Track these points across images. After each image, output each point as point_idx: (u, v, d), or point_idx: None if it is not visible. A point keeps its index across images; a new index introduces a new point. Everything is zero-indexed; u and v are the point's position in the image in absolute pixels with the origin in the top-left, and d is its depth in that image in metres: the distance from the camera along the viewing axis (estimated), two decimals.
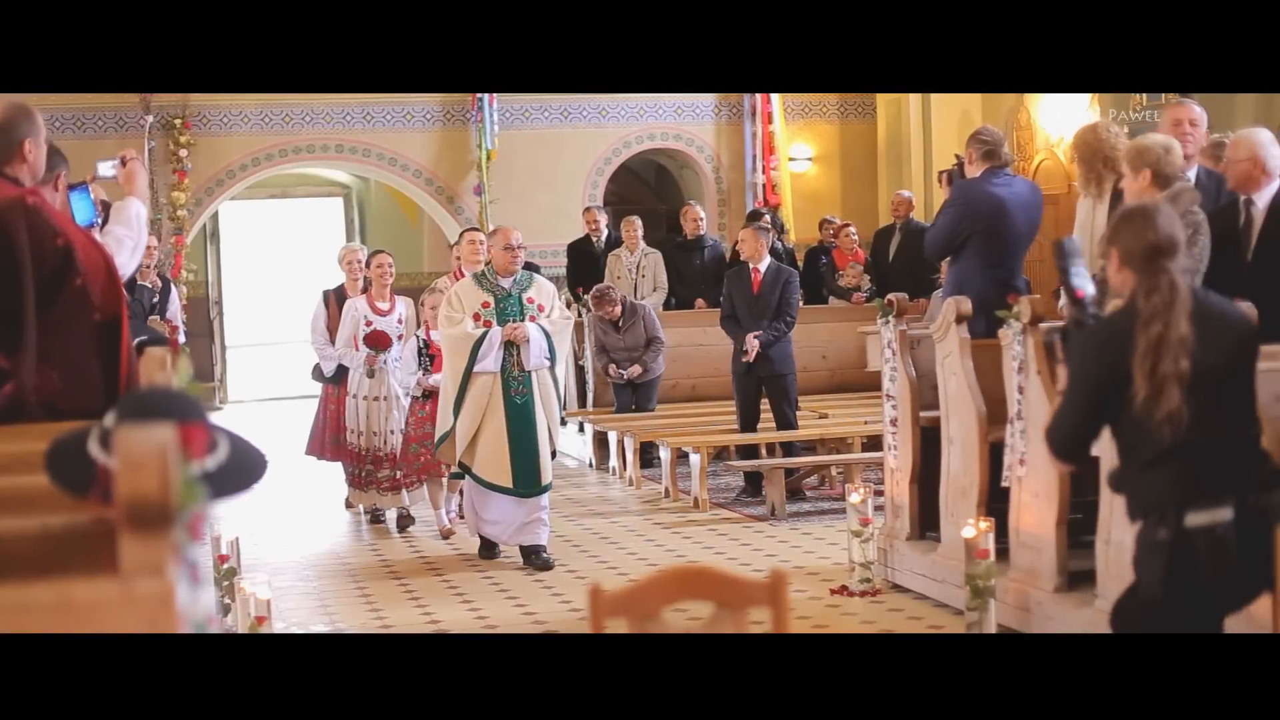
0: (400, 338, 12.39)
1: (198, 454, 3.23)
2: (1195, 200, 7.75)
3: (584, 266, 17.28)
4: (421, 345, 11.96)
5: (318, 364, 13.02)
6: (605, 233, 17.56)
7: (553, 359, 10.70)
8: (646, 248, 16.99)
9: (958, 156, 10.34)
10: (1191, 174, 8.37)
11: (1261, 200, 8.01)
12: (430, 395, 11.67)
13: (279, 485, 13.95)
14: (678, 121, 21.39)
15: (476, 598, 9.65)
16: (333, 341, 12.72)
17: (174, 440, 2.78)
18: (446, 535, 11.81)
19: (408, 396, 12.20)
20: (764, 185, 21.18)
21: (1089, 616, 7.52)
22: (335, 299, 12.96)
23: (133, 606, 2.74)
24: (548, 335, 10.63)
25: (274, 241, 24.13)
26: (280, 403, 22.91)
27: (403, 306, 12.60)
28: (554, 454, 10.93)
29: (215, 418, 3.66)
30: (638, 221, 17.09)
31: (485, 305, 10.59)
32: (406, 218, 22.69)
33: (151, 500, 2.73)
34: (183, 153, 19.74)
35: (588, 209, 18.12)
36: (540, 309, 10.73)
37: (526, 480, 10.51)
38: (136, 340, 5.23)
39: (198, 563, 2.88)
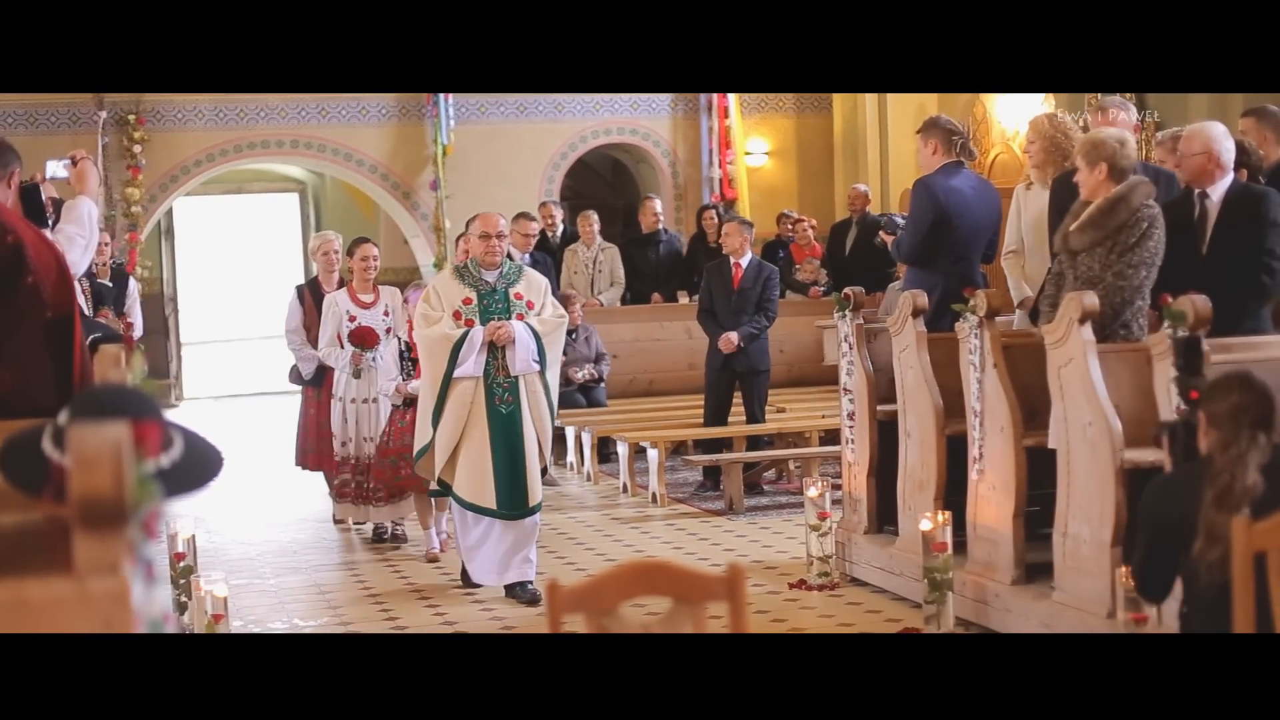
0: (389, 331, 11.35)
1: (152, 451, 3.21)
2: (1150, 194, 7.79)
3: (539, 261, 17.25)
4: (403, 347, 10.95)
5: (295, 365, 12.08)
6: (561, 228, 17.54)
7: (543, 363, 9.52)
8: (603, 242, 16.98)
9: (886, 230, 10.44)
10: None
11: (1215, 193, 8.04)
12: (411, 403, 10.51)
13: (236, 483, 13.90)
14: (634, 116, 21.38)
15: (435, 595, 9.62)
16: (311, 341, 11.78)
17: (128, 438, 2.76)
18: (432, 560, 10.62)
19: (384, 401, 11.23)
20: (720, 180, 21.18)
21: (1047, 609, 7.55)
22: (310, 294, 12.03)
23: (88, 605, 2.72)
24: (537, 336, 9.47)
25: (229, 238, 24.04)
26: (237, 400, 22.84)
27: (388, 298, 11.53)
28: (545, 471, 9.85)
29: (170, 415, 3.64)
30: (594, 216, 17.07)
31: (466, 302, 9.48)
32: (362, 213, 22.63)
33: (106, 498, 2.71)
34: (137, 149, 19.64)
35: (543, 204, 18.09)
36: (530, 306, 9.57)
37: (513, 500, 9.36)
38: (90, 337, 5.20)
39: (153, 561, 2.86)
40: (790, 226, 17.91)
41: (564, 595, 3.91)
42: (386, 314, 11.43)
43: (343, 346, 11.31)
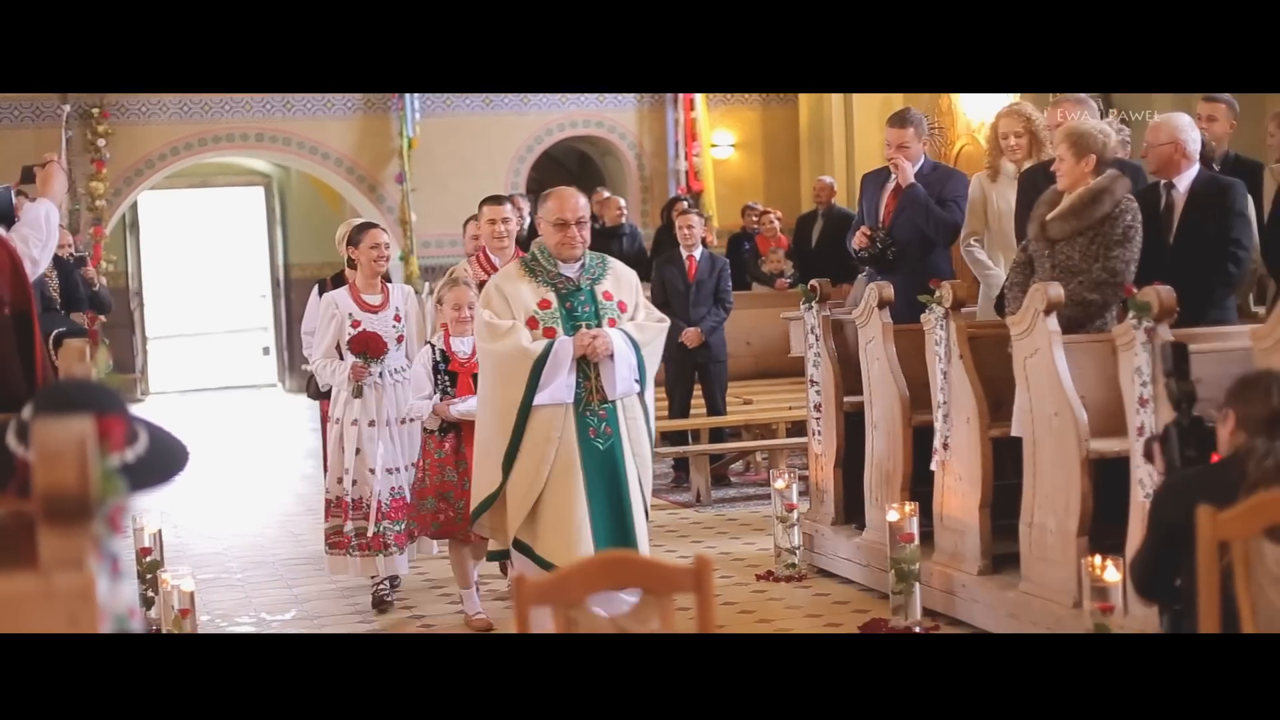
0: (400, 340, 9.21)
1: (117, 446, 3.20)
2: (1129, 188, 7.83)
3: None
4: (438, 357, 8.73)
5: (311, 375, 10.05)
6: (527, 220, 17.50)
7: (643, 381, 7.60)
8: None
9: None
10: None
11: (1182, 184, 8.08)
12: (450, 429, 8.61)
13: (203, 477, 13.87)
14: (600, 109, 21.36)
15: (408, 593, 9.59)
16: None
17: (92, 432, 2.75)
18: (483, 628, 8.57)
19: (401, 424, 9.15)
20: (686, 172, 21.18)
21: (1013, 599, 7.57)
22: (334, 289, 9.83)
23: (52, 601, 2.72)
24: (635, 346, 7.54)
25: (194, 232, 23.97)
26: (202, 394, 22.80)
27: (400, 298, 9.32)
28: (647, 512, 7.79)
29: (136, 409, 3.63)
30: None
31: (544, 305, 7.49)
32: (328, 207, 22.57)
33: (70, 493, 2.70)
34: (101, 142, 19.55)
35: (511, 196, 18.04)
36: (622, 309, 7.63)
37: None
38: (55, 332, 5.20)
39: (119, 556, 2.85)
40: (756, 218, 17.91)
41: (531, 589, 3.91)
42: (398, 319, 9.24)
43: (342, 357, 9.18)
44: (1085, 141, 7.78)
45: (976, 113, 18.21)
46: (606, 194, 17.79)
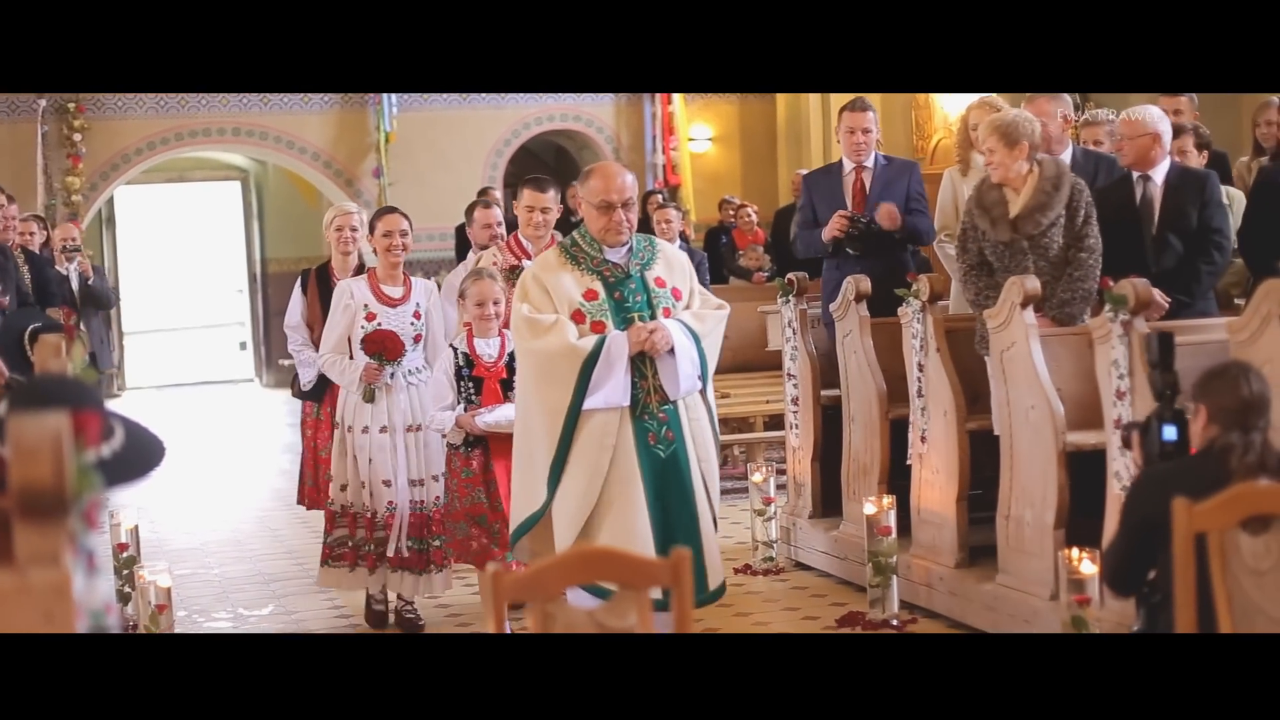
0: (418, 339, 8.33)
1: (93, 441, 3.19)
2: (1075, 177, 7.86)
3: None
4: (461, 362, 7.84)
5: (296, 374, 9.31)
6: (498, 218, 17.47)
7: (705, 377, 6.82)
8: None
9: None
10: (1067, 155, 8.47)
11: (1158, 176, 8.08)
12: (477, 443, 7.79)
13: (179, 472, 13.85)
14: (577, 103, 21.35)
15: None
16: (315, 341, 8.83)
17: (68, 427, 2.74)
18: None
19: (436, 436, 8.20)
20: (664, 166, 21.19)
21: (990, 591, 7.59)
22: (318, 281, 9.15)
23: (28, 597, 2.71)
24: (695, 338, 6.74)
25: (171, 226, 23.88)
26: (179, 389, 22.76)
27: (422, 293, 8.43)
28: (715, 526, 6.99)
29: (112, 405, 3.62)
30: None
31: (590, 296, 6.68)
32: (305, 201, 22.53)
33: (46, 489, 2.70)
34: (77, 137, 19.49)
35: (486, 189, 18.07)
36: (676, 296, 6.84)
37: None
38: (30, 327, 5.18)
39: (94, 551, 2.85)
40: (733, 212, 17.92)
41: (508, 583, 3.91)
42: (418, 315, 8.37)
43: (353, 355, 8.31)
44: (1014, 131, 7.77)
45: (954, 106, 18.24)
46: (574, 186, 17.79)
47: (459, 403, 7.77)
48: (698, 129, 21.51)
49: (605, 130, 21.56)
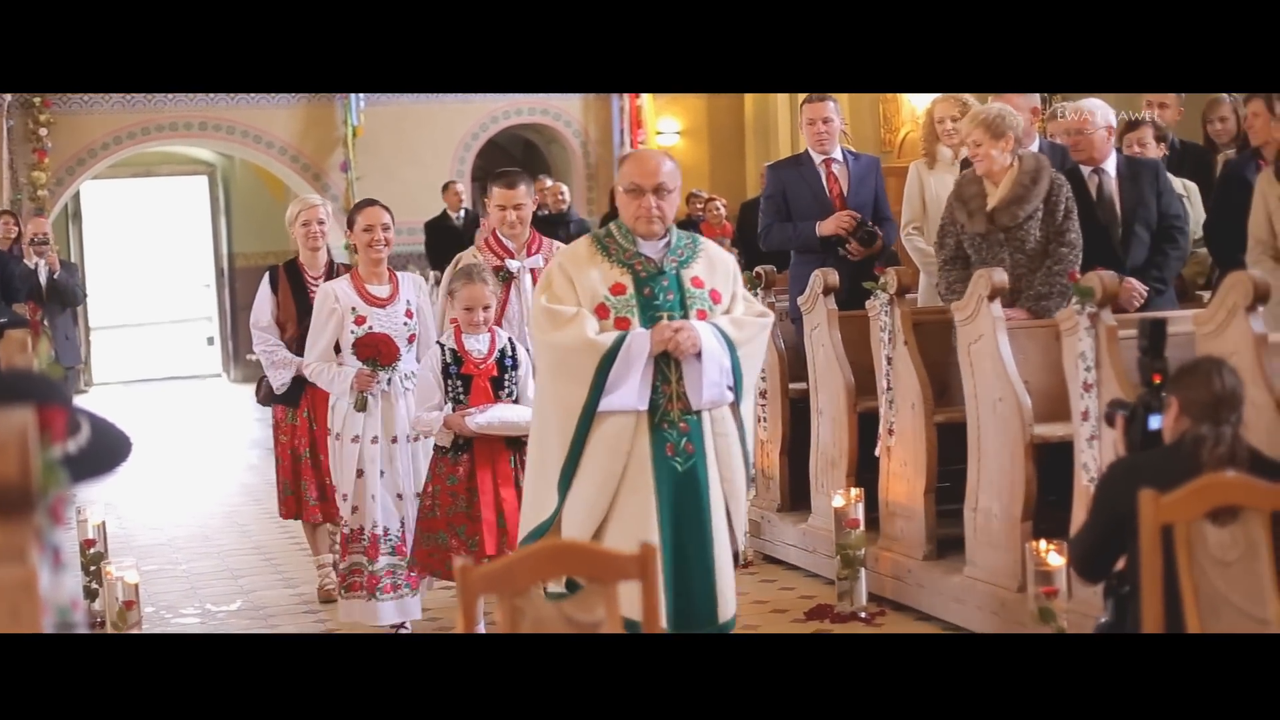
0: (411, 339, 7.83)
1: (58, 437, 3.18)
2: (1055, 171, 7.90)
3: (443, 244, 17.18)
4: (449, 359, 7.31)
5: (263, 378, 8.78)
6: (463, 209, 17.48)
7: (739, 390, 6.13)
8: None
9: None
10: (1035, 149, 8.50)
11: (1110, 168, 8.17)
12: (465, 447, 7.26)
13: (146, 468, 13.81)
14: (545, 97, 21.33)
15: None
16: (289, 342, 8.52)
17: (34, 423, 2.73)
18: None
19: (413, 441, 7.73)
20: None
21: (958, 583, 7.61)
22: (287, 278, 8.67)
23: None
24: (730, 345, 6.07)
25: (138, 221, 23.80)
26: (146, 385, 22.69)
27: (411, 289, 7.91)
28: (737, 556, 6.69)
29: (80, 400, 3.61)
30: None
31: (617, 290, 6.08)
32: (272, 196, 22.48)
33: (12, 484, 2.69)
34: (43, 131, 19.42)
35: (448, 184, 18.08)
36: (715, 299, 6.20)
37: (695, 612, 6.04)
38: None
39: (61, 547, 2.84)
40: (701, 206, 17.94)
41: (476, 578, 3.90)
42: (410, 315, 7.86)
43: (342, 361, 7.78)
44: (999, 124, 7.82)
45: (921, 100, 18.29)
46: (549, 181, 17.78)
47: (446, 402, 7.27)
48: (666, 123, 21.51)
49: (573, 124, 21.55)
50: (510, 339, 7.46)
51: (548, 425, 6.13)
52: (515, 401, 7.34)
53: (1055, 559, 6.26)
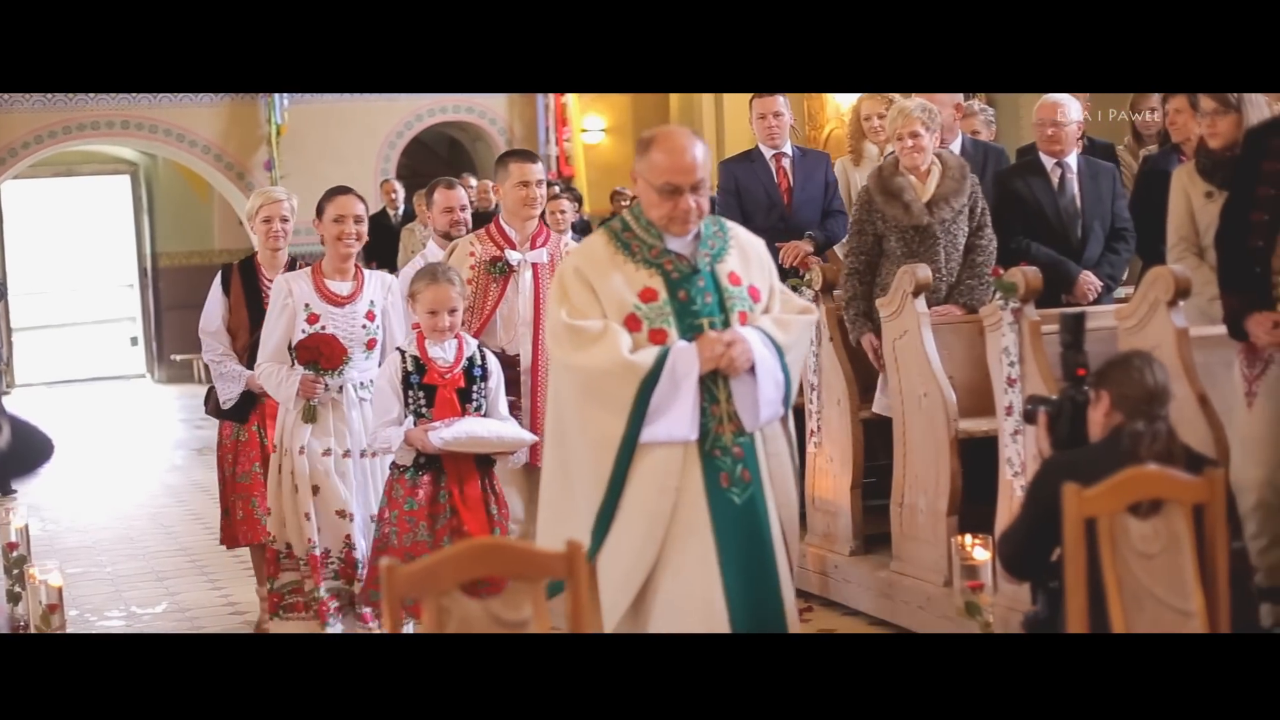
0: (371, 345, 7.07)
1: None
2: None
3: (381, 240, 17.12)
4: (410, 367, 6.51)
5: (211, 388, 7.96)
6: (402, 207, 17.43)
7: (788, 400, 5.32)
8: None
9: None
10: (957, 144, 8.54)
11: (1073, 162, 8.26)
12: (427, 467, 6.49)
13: (71, 470, 13.71)
14: (470, 95, 21.29)
15: None
16: (240, 351, 7.78)
17: None
18: None
19: (371, 457, 6.99)
20: (557, 157, 21.18)
21: (885, 579, 7.63)
22: (241, 279, 7.85)
23: None
24: (779, 351, 5.22)
25: (60, 221, 23.62)
26: (69, 386, 22.52)
27: (378, 290, 7.14)
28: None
29: (1, 402, 3.58)
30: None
31: (648, 297, 5.14)
32: (196, 195, 22.35)
33: None
34: None
35: (385, 181, 18.02)
36: (754, 297, 5.31)
37: None
38: None
39: None
40: (625, 204, 17.93)
41: (401, 577, 3.88)
42: (371, 316, 7.10)
43: (292, 365, 7.01)
44: (933, 118, 7.86)
45: (846, 97, 18.35)
46: (474, 181, 17.73)
47: (406, 415, 6.48)
48: (591, 120, 21.51)
49: (499, 122, 21.52)
50: (480, 346, 6.72)
51: (573, 460, 5.20)
52: (485, 416, 6.58)
53: (980, 553, 6.28)
